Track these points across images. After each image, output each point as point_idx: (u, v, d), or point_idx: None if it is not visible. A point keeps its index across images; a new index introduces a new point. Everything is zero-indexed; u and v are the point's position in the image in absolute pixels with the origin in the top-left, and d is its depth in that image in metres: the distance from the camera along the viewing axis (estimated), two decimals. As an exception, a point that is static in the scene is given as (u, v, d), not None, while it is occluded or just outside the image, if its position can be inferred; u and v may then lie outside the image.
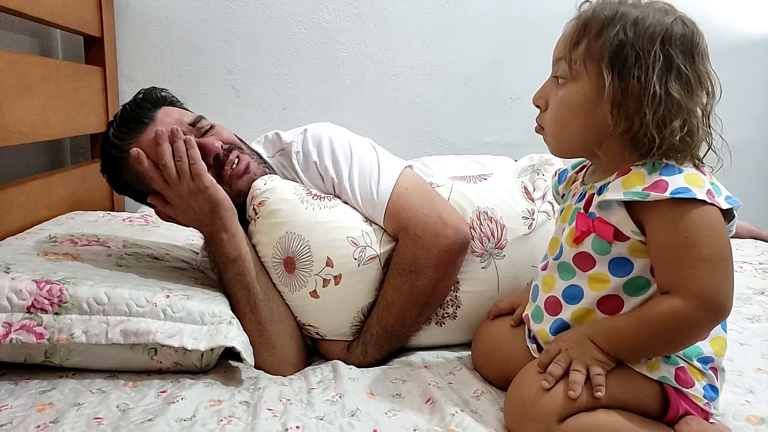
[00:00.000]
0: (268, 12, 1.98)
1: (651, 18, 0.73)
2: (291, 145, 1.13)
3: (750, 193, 2.34)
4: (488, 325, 1.01)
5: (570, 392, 0.73)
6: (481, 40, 2.09)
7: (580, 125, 0.77)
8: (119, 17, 1.89)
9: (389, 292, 1.02)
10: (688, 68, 0.73)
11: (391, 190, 1.03)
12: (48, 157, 1.82)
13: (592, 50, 0.75)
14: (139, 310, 0.89)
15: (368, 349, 1.03)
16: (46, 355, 0.89)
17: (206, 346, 0.89)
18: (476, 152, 2.07)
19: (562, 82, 0.79)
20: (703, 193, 0.70)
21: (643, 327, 0.74)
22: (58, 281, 0.89)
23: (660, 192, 0.70)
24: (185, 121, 1.06)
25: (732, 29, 2.17)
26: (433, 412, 0.84)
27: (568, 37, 0.78)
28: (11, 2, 1.30)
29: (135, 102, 1.07)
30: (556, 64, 0.80)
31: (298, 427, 0.79)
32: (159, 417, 0.78)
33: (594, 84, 0.75)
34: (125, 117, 1.05)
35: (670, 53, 0.72)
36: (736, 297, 1.29)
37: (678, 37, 0.73)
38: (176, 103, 1.13)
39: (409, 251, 1.01)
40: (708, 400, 0.77)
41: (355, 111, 2.07)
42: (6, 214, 1.26)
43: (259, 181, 1.06)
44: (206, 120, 1.08)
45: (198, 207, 0.99)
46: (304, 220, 1.02)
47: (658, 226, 0.72)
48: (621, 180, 0.74)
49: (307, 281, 1.01)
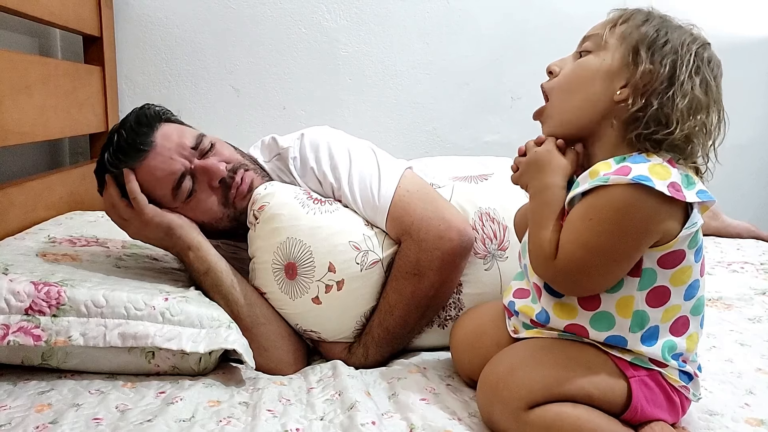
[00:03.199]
0: (268, 12, 1.97)
1: (688, 32, 0.77)
2: (288, 151, 1.11)
3: (750, 193, 2.34)
4: (468, 317, 0.99)
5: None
6: (481, 40, 2.08)
7: (590, 94, 0.78)
8: (118, 17, 1.89)
9: (391, 295, 1.02)
10: (711, 82, 0.75)
11: (393, 194, 1.03)
12: (47, 157, 1.82)
13: (630, 34, 0.76)
14: (138, 313, 0.89)
15: (369, 351, 1.03)
16: (43, 357, 0.89)
17: (205, 349, 0.89)
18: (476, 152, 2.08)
19: (584, 54, 0.80)
20: (664, 185, 0.69)
21: (535, 234, 0.78)
22: (56, 283, 0.89)
23: (622, 175, 0.70)
24: (186, 144, 1.03)
25: (732, 30, 2.17)
26: (432, 413, 0.83)
27: (608, 20, 0.80)
28: (10, 2, 1.30)
29: (130, 125, 1.02)
30: (584, 41, 0.81)
31: (298, 429, 0.78)
32: (158, 417, 0.78)
33: (619, 57, 0.76)
34: (121, 143, 1.01)
35: (700, 63, 0.74)
36: (737, 297, 1.31)
37: (708, 56, 0.76)
38: (172, 118, 1.10)
39: (413, 254, 1.00)
40: (684, 383, 0.78)
41: (355, 111, 2.06)
42: (5, 214, 1.26)
43: (260, 187, 1.05)
44: (207, 138, 1.06)
45: (153, 235, 1.02)
46: (305, 225, 1.00)
47: (594, 193, 0.73)
48: (589, 171, 0.75)
49: (309, 287, 1.00)
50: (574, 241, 0.73)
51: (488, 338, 0.91)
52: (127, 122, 1.03)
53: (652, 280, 0.74)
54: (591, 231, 0.72)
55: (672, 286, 0.75)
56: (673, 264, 0.74)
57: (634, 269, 0.74)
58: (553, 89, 0.81)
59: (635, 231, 0.71)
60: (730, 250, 1.66)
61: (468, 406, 0.86)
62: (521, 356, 0.79)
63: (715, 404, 0.87)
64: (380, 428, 0.78)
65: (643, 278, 0.74)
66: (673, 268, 0.74)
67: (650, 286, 0.75)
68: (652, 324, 0.76)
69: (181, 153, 1.02)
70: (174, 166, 1.01)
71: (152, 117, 1.05)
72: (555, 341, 0.80)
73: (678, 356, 0.78)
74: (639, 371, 0.77)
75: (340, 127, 1.18)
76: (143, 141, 1.01)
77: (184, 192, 1.02)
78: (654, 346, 0.76)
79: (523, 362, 0.77)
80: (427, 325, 1.07)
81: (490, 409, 0.77)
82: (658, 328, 0.76)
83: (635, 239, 0.71)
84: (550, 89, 0.82)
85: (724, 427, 0.81)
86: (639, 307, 0.75)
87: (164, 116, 1.08)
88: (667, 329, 0.77)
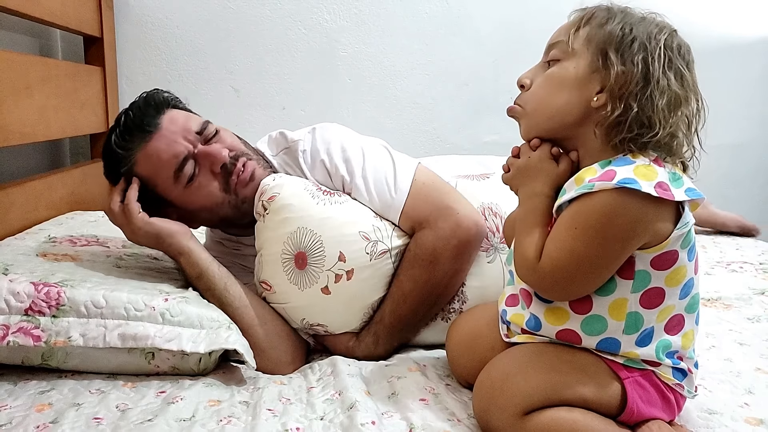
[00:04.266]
0: (268, 12, 1.98)
1: (653, 22, 0.75)
2: (297, 144, 1.12)
3: (750, 193, 2.34)
4: (463, 319, 0.99)
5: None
6: (481, 40, 2.09)
7: (564, 101, 0.76)
8: (119, 17, 1.89)
9: (406, 283, 1.03)
10: (685, 73, 0.74)
11: (410, 186, 1.05)
12: (48, 157, 1.82)
13: (595, 35, 0.75)
14: (137, 314, 0.89)
15: (380, 340, 1.04)
16: (43, 357, 0.89)
17: (206, 349, 0.89)
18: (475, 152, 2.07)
19: (553, 63, 0.78)
20: (650, 186, 0.68)
21: (519, 241, 0.78)
22: (56, 283, 0.89)
23: (606, 181, 0.70)
24: (191, 128, 1.05)
25: (730, 30, 2.17)
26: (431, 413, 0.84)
27: (569, 24, 0.78)
28: (11, 2, 1.30)
29: (138, 107, 1.05)
30: (550, 49, 0.80)
31: (298, 429, 0.79)
32: (158, 417, 0.78)
33: (589, 63, 0.75)
34: (128, 124, 1.03)
35: (671, 54, 0.73)
36: (736, 297, 1.31)
37: (677, 44, 0.75)
38: (180, 105, 1.12)
39: (429, 242, 1.02)
40: (678, 381, 0.78)
41: (355, 111, 2.06)
42: (6, 214, 1.26)
43: (268, 178, 1.06)
44: (212, 125, 1.08)
45: (144, 242, 1.02)
46: (316, 215, 1.01)
47: (580, 200, 0.72)
48: (575, 177, 0.75)
49: (318, 277, 1.01)
50: (560, 249, 0.73)
51: (483, 341, 0.90)
52: (136, 104, 1.06)
53: (646, 282, 0.74)
54: (576, 239, 0.72)
55: (667, 287, 0.74)
56: (666, 265, 0.73)
57: (627, 271, 0.73)
58: (526, 100, 0.80)
59: (621, 235, 0.70)
60: (729, 250, 1.66)
61: (467, 407, 0.86)
62: (516, 362, 0.79)
63: (715, 403, 0.87)
64: (380, 428, 0.78)
65: (636, 280, 0.74)
66: (667, 269, 0.74)
67: (644, 288, 0.74)
68: (647, 326, 0.76)
69: (185, 137, 1.03)
70: (177, 148, 1.02)
71: (161, 102, 1.07)
72: (548, 346, 0.80)
73: (672, 354, 0.78)
74: (632, 372, 0.77)
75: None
76: (149, 122, 1.03)
77: (185, 176, 1.03)
78: (648, 346, 0.76)
79: (517, 368, 0.77)
80: (433, 317, 1.08)
81: (487, 415, 0.77)
82: (653, 329, 0.76)
83: (621, 244, 0.71)
84: (524, 104, 0.81)
85: (723, 426, 0.81)
86: (632, 309, 0.75)
87: (172, 102, 1.10)
88: (662, 329, 0.76)
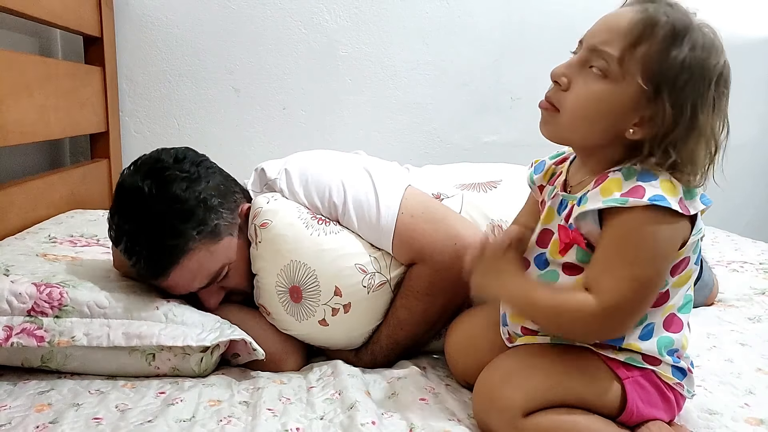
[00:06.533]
0: (268, 12, 1.97)
1: (712, 49, 0.70)
2: (275, 182, 1.05)
3: (750, 193, 2.35)
4: (463, 320, 0.99)
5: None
6: (481, 40, 2.09)
7: (603, 127, 0.73)
8: (119, 17, 1.89)
9: (401, 312, 1.00)
10: (724, 105, 0.72)
11: (395, 221, 0.97)
12: (48, 157, 1.82)
13: (652, 63, 0.69)
14: (141, 313, 0.89)
15: (378, 358, 1.03)
16: (42, 360, 0.89)
17: (213, 342, 0.89)
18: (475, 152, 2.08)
19: (597, 74, 0.72)
20: (676, 202, 0.69)
21: (550, 308, 0.75)
22: (58, 284, 0.89)
23: (638, 197, 0.69)
24: (196, 285, 0.98)
25: (732, 30, 2.17)
26: (431, 413, 0.84)
27: (627, 30, 0.70)
28: (11, 2, 1.30)
29: (149, 258, 0.93)
30: (595, 50, 0.72)
31: (298, 428, 0.79)
32: (158, 418, 0.78)
33: (635, 92, 0.70)
34: (141, 273, 0.95)
35: (719, 98, 0.71)
36: (737, 297, 1.31)
37: (725, 76, 0.71)
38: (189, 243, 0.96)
39: (425, 277, 0.97)
40: (678, 380, 0.78)
41: (354, 111, 2.06)
42: (5, 214, 1.26)
43: (261, 199, 1.01)
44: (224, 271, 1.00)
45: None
46: (309, 248, 0.97)
47: (614, 224, 0.71)
48: (599, 188, 0.73)
49: (315, 311, 0.98)
50: (619, 278, 0.71)
51: (482, 342, 0.90)
52: (143, 251, 0.93)
53: (663, 288, 0.75)
54: (633, 264, 0.71)
55: (673, 288, 0.76)
56: (680, 270, 0.76)
57: None
58: (564, 105, 0.74)
59: (665, 253, 0.72)
60: (728, 250, 1.66)
61: (467, 407, 0.86)
62: (515, 364, 0.79)
63: (715, 404, 0.87)
64: (380, 428, 0.78)
65: None
66: (679, 273, 0.76)
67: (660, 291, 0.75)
68: (649, 321, 0.76)
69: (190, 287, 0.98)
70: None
71: (170, 253, 0.93)
72: (548, 347, 0.80)
73: (673, 352, 0.78)
74: (632, 372, 0.77)
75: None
76: (160, 273, 0.95)
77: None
78: (649, 341, 0.76)
79: (517, 370, 0.78)
80: (435, 336, 1.05)
81: (487, 417, 0.77)
82: (653, 325, 0.76)
83: (667, 260, 0.73)
84: (559, 102, 0.75)
85: (723, 426, 0.81)
86: None
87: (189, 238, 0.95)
88: (660, 325, 0.77)
